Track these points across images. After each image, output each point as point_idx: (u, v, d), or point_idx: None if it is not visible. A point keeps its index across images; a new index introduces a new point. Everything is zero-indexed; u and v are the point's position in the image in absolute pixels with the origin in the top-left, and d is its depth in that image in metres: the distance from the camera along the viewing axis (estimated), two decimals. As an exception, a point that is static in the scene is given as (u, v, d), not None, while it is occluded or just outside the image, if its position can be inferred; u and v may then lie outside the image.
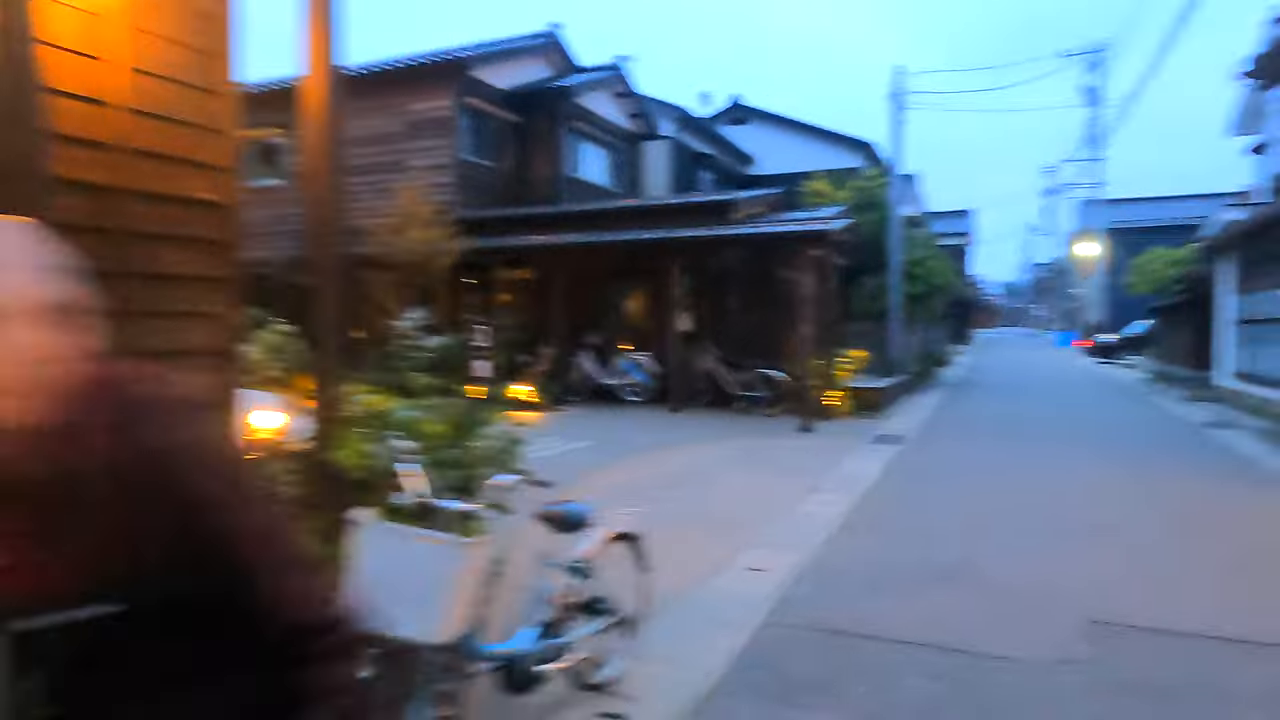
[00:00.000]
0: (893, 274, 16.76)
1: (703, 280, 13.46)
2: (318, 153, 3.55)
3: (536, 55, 17.43)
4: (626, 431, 10.67)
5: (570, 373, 13.42)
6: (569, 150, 17.01)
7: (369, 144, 15.36)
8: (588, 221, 13.66)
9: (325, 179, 3.58)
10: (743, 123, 26.67)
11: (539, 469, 3.68)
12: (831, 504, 6.83)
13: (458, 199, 14.80)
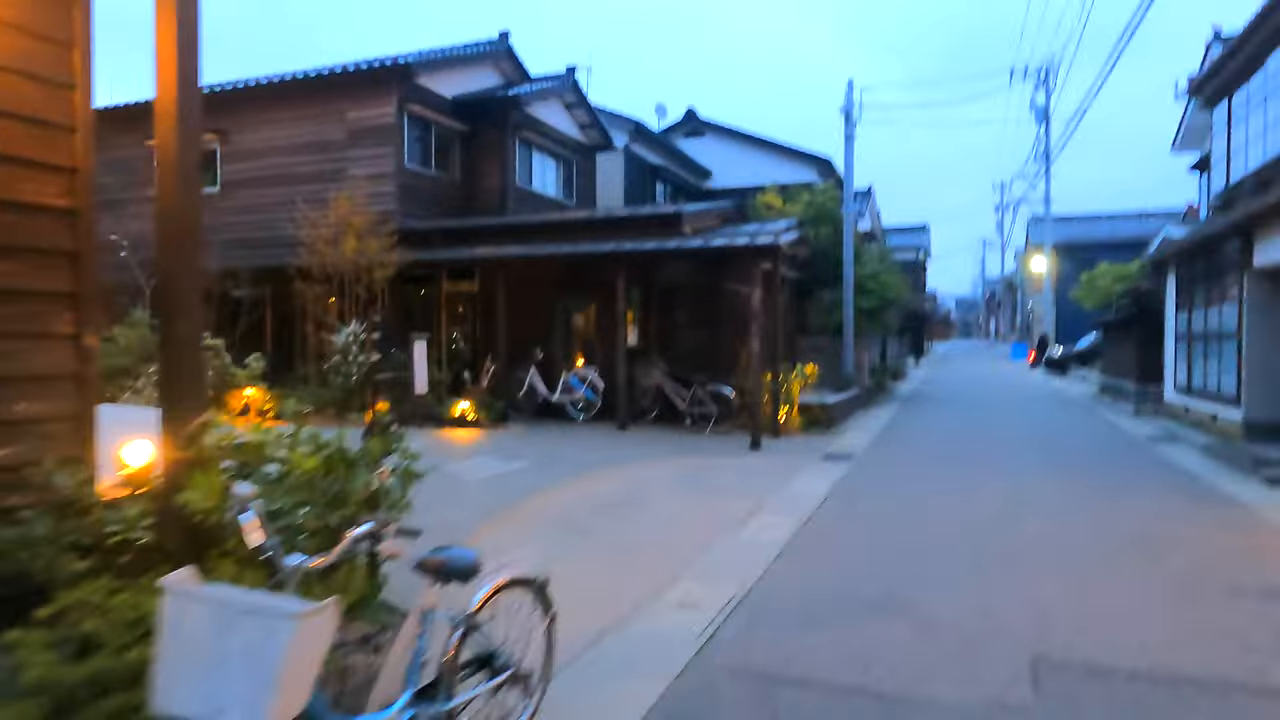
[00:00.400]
0: (846, 288, 16.68)
1: (651, 294, 13.18)
2: (171, 165, 3.16)
3: (485, 63, 17.07)
4: (569, 450, 10.30)
5: (516, 389, 13.02)
6: (519, 161, 16.65)
7: (307, 151, 14.88)
8: (534, 233, 13.30)
9: (180, 192, 3.19)
10: (699, 135, 26.55)
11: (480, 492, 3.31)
12: (774, 528, 6.55)
13: (401, 209, 14.34)
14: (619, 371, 11.98)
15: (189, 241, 3.20)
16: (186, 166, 3.16)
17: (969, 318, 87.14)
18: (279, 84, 15.13)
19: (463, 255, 12.90)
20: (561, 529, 6.47)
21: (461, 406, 11.66)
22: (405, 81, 14.52)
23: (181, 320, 3.12)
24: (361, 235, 11.50)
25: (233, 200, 15.59)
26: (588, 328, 13.86)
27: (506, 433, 11.59)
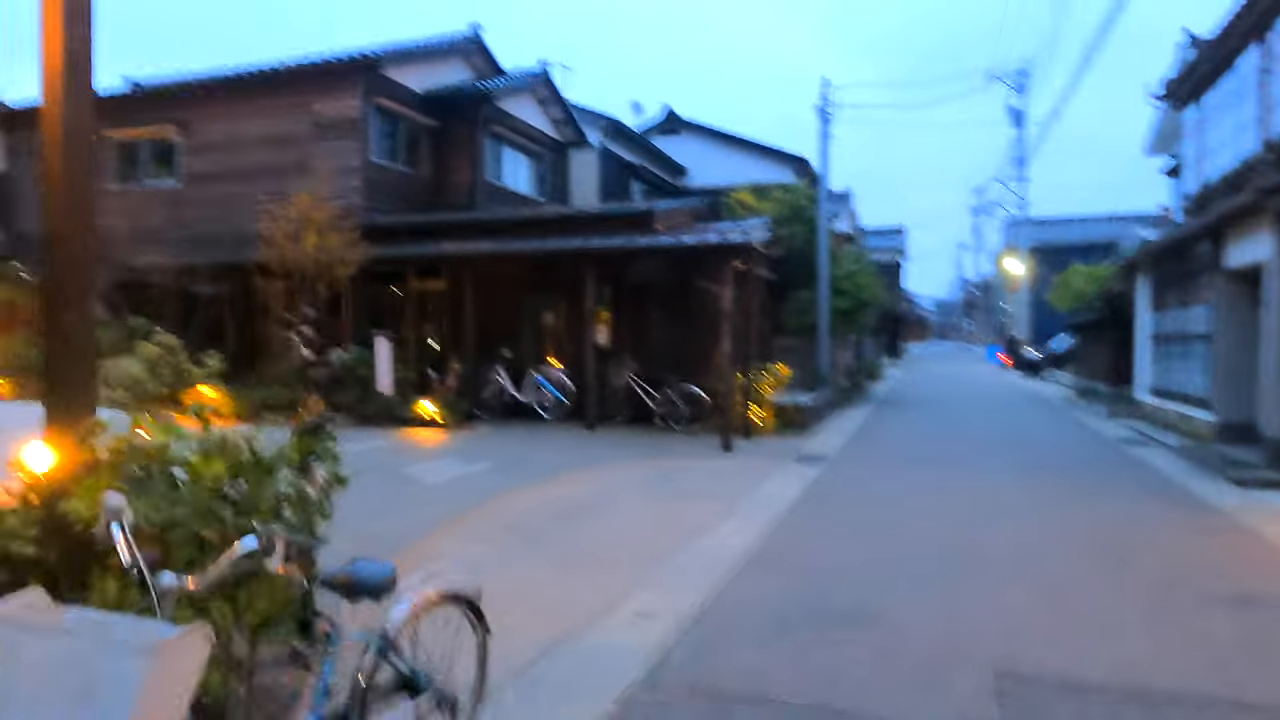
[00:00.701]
0: (821, 287, 16.53)
1: (622, 293, 12.93)
2: (57, 144, 2.88)
3: (456, 57, 16.75)
4: (534, 452, 10.04)
5: (483, 388, 12.72)
6: (489, 156, 16.35)
7: (272, 145, 14.49)
8: (503, 230, 13.01)
9: (67, 174, 2.90)
10: (676, 134, 26.36)
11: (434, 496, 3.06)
12: (741, 533, 6.33)
13: (367, 204, 14.00)
14: (589, 371, 11.73)
15: (79, 226, 2.91)
16: (74, 148, 2.88)
17: (946, 320, 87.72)
18: (244, 76, 14.73)
19: (427, 251, 12.60)
20: (519, 535, 6.22)
21: (426, 406, 11.35)
22: (372, 74, 14.18)
23: (69, 311, 2.84)
24: (322, 230, 11.16)
25: (197, 195, 15.17)
26: (557, 327, 13.59)
27: (472, 434, 11.30)
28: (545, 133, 18.44)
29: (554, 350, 13.39)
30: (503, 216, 13.80)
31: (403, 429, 11.23)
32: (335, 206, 12.43)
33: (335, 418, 11.34)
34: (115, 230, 14.78)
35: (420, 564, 4.78)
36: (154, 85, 15.52)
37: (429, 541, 5.91)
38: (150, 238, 14.80)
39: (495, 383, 12.74)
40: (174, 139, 15.47)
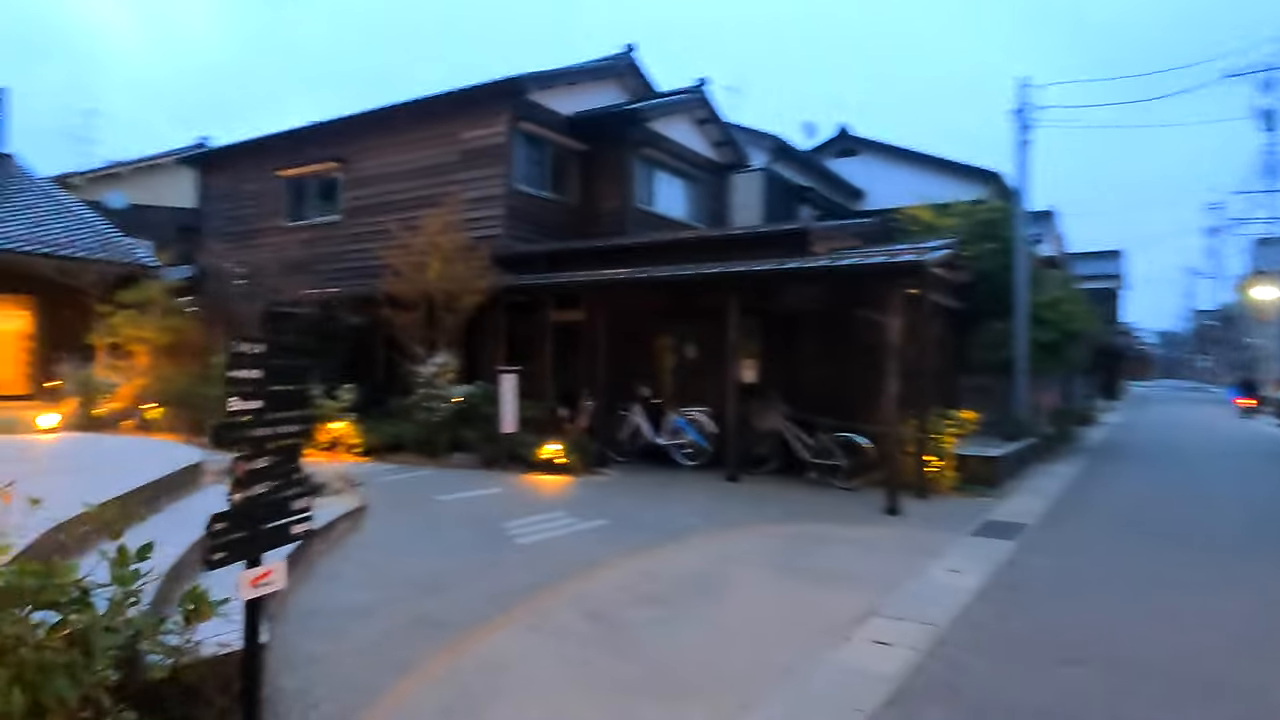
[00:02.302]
0: (1018, 317, 14.09)
1: (771, 324, 11.40)
2: None
3: (609, 80, 16.07)
4: (659, 507, 8.70)
5: (617, 429, 11.60)
6: (640, 181, 15.44)
7: (421, 176, 14.34)
8: (641, 255, 11.93)
9: None
10: (852, 154, 24.48)
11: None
12: (891, 644, 4.64)
13: (509, 233, 13.46)
14: (731, 413, 10.28)
15: None
16: None
17: (1174, 355, 77.45)
18: (396, 109, 14.78)
19: (550, 279, 11.75)
20: (597, 627, 4.89)
21: (551, 448, 10.36)
22: (517, 99, 13.70)
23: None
24: (449, 258, 10.56)
25: (353, 228, 15.38)
26: (699, 362, 12.25)
27: (597, 481, 10.16)
28: (702, 155, 17.32)
29: (695, 389, 12.07)
30: (641, 241, 12.74)
31: (524, 473, 10.30)
32: (472, 235, 11.92)
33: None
34: (280, 263, 15.22)
35: (448, 675, 3.65)
36: (321, 123, 15.98)
37: (482, 632, 4.72)
38: (312, 270, 15.13)
39: (631, 423, 11.58)
40: (336, 175, 15.83)
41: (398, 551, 6.36)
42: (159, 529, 4.61)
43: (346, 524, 6.88)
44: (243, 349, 2.88)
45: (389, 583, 5.54)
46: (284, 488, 3.14)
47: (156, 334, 13.70)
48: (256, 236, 16.72)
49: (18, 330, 16.35)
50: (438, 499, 8.44)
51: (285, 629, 4.56)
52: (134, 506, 4.94)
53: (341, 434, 11.18)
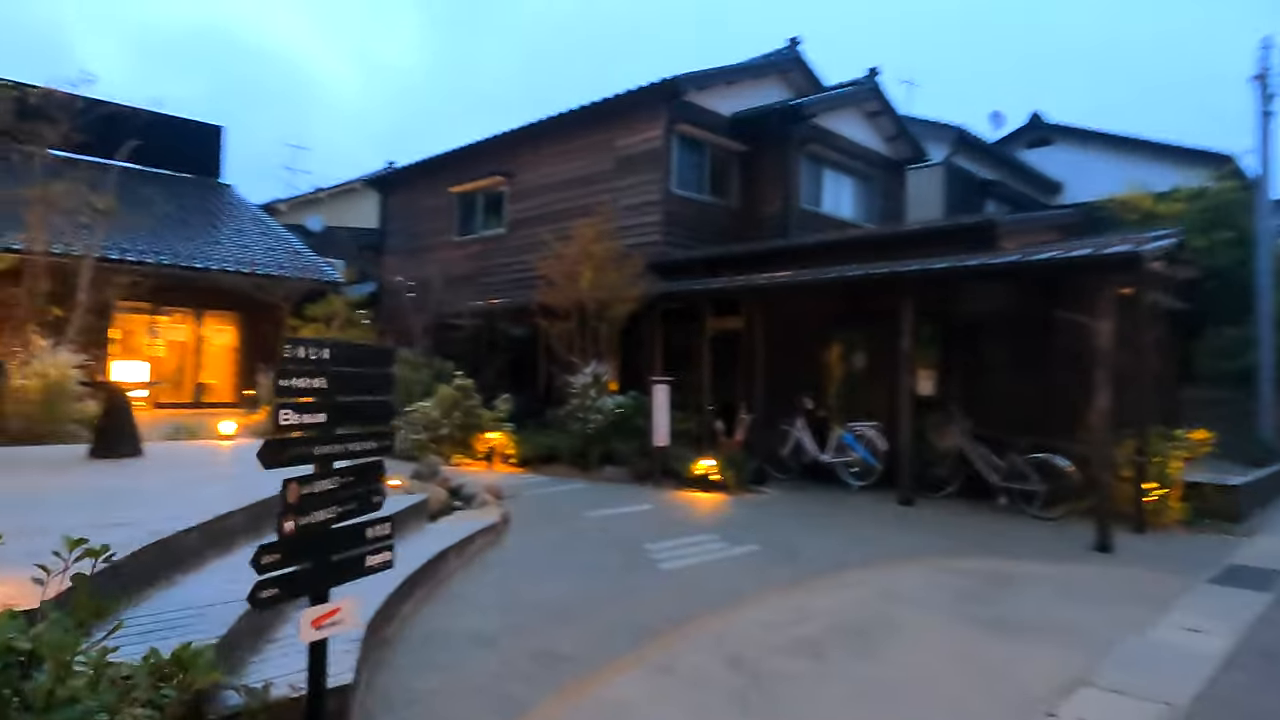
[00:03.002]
0: (1262, 320, 11.90)
1: (951, 329, 10.19)
2: None
3: (771, 76, 15.33)
4: (821, 532, 7.85)
5: (778, 444, 10.82)
6: (806, 180, 14.57)
7: (578, 185, 14.27)
8: (804, 258, 11.11)
9: None
10: (1046, 144, 22.20)
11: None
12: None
13: (667, 239, 13.07)
14: (906, 429, 9.23)
15: None
16: None
17: None
18: (555, 120, 14.82)
19: (704, 286, 11.13)
20: (727, 676, 4.22)
21: (705, 464, 9.76)
22: (674, 101, 13.31)
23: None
24: (600, 266, 10.27)
25: (515, 240, 15.60)
26: (868, 372, 11.21)
27: (753, 501, 9.43)
28: (873, 150, 16.16)
29: (864, 401, 11.05)
30: (799, 243, 11.90)
31: (676, 490, 9.75)
32: (629, 242, 11.62)
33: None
34: (448, 276, 15.69)
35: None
36: (488, 139, 16.37)
37: (608, 671, 4.20)
38: (479, 282, 15.50)
39: (792, 438, 10.75)
40: (502, 188, 16.15)
41: (533, 571, 6.00)
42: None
43: (486, 539, 6.63)
44: (296, 353, 2.50)
45: (518, 607, 5.16)
46: (357, 512, 2.76)
47: (338, 346, 14.46)
48: (430, 251, 17.40)
49: (227, 343, 17.97)
50: (584, 515, 8.08)
51: (398, 656, 4.26)
52: (260, 518, 4.86)
53: (498, 444, 11.16)
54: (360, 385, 2.77)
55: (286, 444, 2.47)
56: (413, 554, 5.46)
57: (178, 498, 4.86)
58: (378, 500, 2.87)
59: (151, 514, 4.25)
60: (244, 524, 4.44)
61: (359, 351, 2.82)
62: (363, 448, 2.77)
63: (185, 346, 17.59)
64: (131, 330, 17.04)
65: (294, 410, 2.47)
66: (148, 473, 6.09)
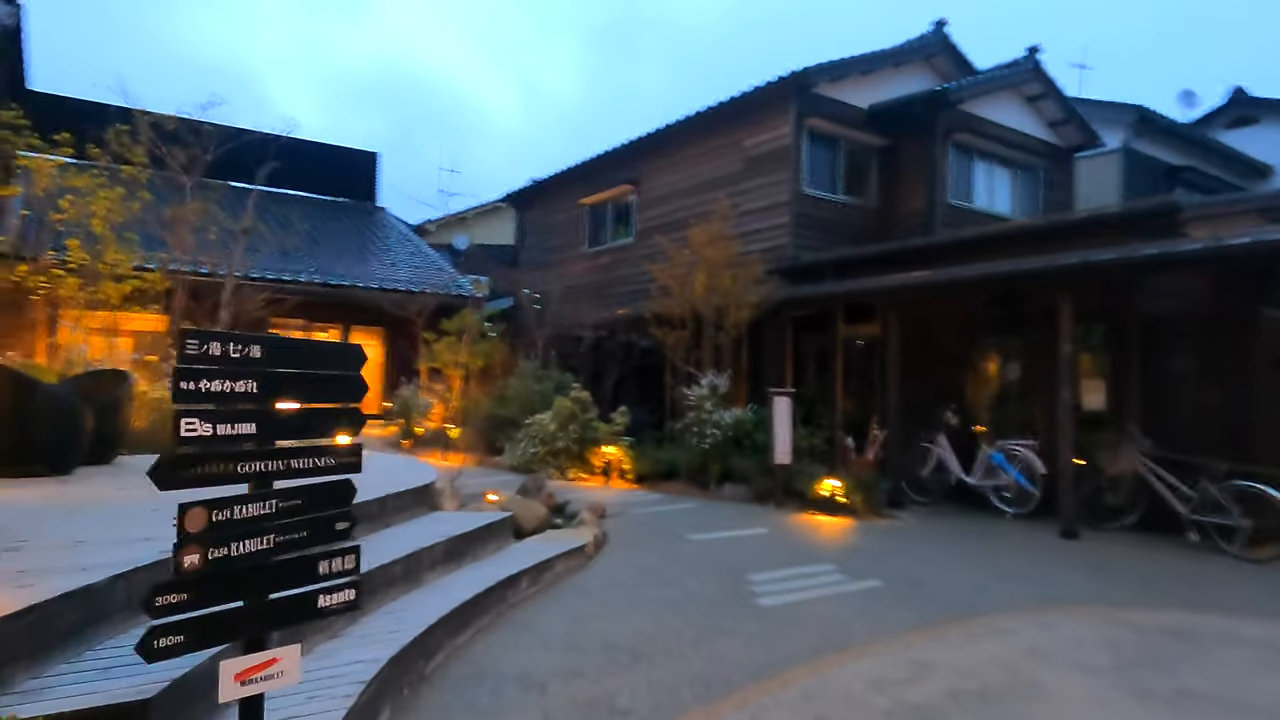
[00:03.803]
0: None
1: (1124, 333, 8.72)
2: None
3: (912, 63, 14.13)
4: (958, 567, 6.79)
5: (916, 463, 9.71)
6: (954, 173, 13.26)
7: (705, 190, 13.69)
8: (949, 256, 9.95)
9: None
10: (1250, 123, 19.38)
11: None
12: None
13: (797, 241, 12.23)
14: (1067, 448, 7.94)
15: None
16: None
17: None
18: (681, 124, 14.34)
19: (828, 290, 10.25)
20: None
21: (830, 484, 8.86)
22: (803, 95, 12.48)
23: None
24: (715, 271, 9.62)
25: (644, 249, 15.23)
26: (1023, 383, 9.86)
27: (884, 527, 8.42)
28: (1034, 137, 14.53)
29: (1018, 415, 9.72)
30: (937, 240, 10.73)
31: (798, 512, 8.90)
32: (757, 247, 10.93)
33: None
34: (575, 288, 15.56)
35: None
36: (616, 148, 16.14)
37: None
38: (607, 294, 15.26)
39: (933, 457, 9.61)
40: (630, 198, 15.86)
41: (612, 602, 5.44)
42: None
43: (573, 561, 6.15)
44: (204, 349, 2.07)
45: (584, 644, 4.62)
46: (308, 542, 2.31)
47: (469, 358, 14.62)
48: (562, 264, 17.39)
49: (373, 357, 18.76)
50: (688, 538, 7.44)
51: (433, 695, 3.82)
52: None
53: (615, 459, 10.73)
54: (311, 390, 2.34)
55: (186, 460, 2.05)
56: (479, 578, 5.06)
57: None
58: (343, 527, 2.42)
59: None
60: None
61: (309, 349, 2.40)
62: (315, 465, 2.33)
63: (336, 361, 18.51)
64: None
65: (202, 419, 2.05)
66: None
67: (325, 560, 2.35)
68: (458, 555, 5.30)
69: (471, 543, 5.56)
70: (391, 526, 5.49)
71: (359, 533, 5.10)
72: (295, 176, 21.94)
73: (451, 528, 5.58)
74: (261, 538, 2.19)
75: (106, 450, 7.17)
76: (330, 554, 2.37)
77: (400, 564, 4.59)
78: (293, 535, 2.27)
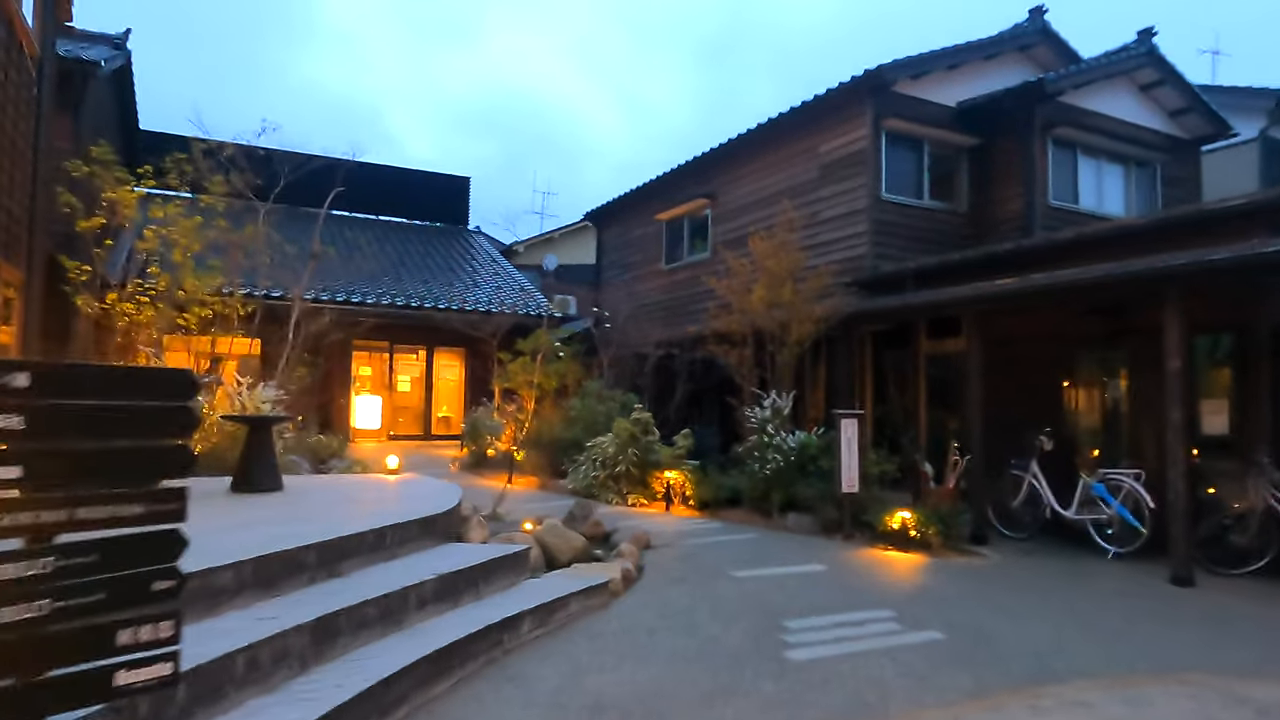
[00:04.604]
0: None
1: (1254, 345, 7.49)
2: None
3: (1006, 54, 13.00)
4: (1042, 618, 5.87)
5: (1006, 493, 8.70)
6: (1055, 171, 12.08)
7: (779, 201, 12.98)
8: (1043, 260, 8.92)
9: None
10: None
11: None
12: None
13: (876, 251, 11.39)
14: (1179, 478, 6.84)
15: None
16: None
17: None
18: (754, 132, 13.73)
19: (902, 302, 9.38)
20: None
21: (901, 515, 8.01)
22: (881, 94, 11.66)
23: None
24: (777, 282, 8.96)
25: (719, 264, 14.66)
26: (1133, 405, 8.67)
27: (963, 565, 7.50)
28: (1150, 129, 13.10)
29: (1123, 440, 8.57)
30: (1027, 244, 9.69)
31: (868, 546, 8.07)
32: (833, 258, 10.21)
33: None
34: (648, 306, 15.15)
35: None
36: (692, 160, 15.68)
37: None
38: (683, 311, 14.78)
39: (1025, 486, 8.57)
40: (705, 211, 15.35)
41: (622, 650, 4.90)
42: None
43: (591, 600, 5.65)
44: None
45: (572, 701, 4.11)
46: (105, 607, 1.93)
47: (542, 379, 14.42)
48: (639, 282, 17.04)
49: (455, 377, 18.90)
50: (731, 574, 6.80)
51: (376, 763, 3.41)
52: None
53: (677, 484, 10.18)
54: (110, 425, 1.97)
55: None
56: (473, 619, 4.64)
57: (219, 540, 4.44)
58: (163, 588, 2.03)
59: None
60: (233, 582, 3.88)
61: (107, 376, 2.03)
62: (116, 515, 1.95)
63: (419, 381, 18.77)
64: (371, 367, 18.51)
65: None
66: (241, 510, 5.91)
67: (127, 629, 1.97)
68: (454, 593, 4.90)
69: (475, 579, 5.16)
70: (394, 560, 5.16)
71: (349, 568, 4.81)
72: (390, 202, 22.64)
73: (456, 562, 5.21)
74: (32, 603, 1.82)
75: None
76: (134, 621, 1.98)
77: (376, 604, 4.22)
78: (81, 599, 1.90)
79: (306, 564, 4.39)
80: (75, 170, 9.69)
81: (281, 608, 3.87)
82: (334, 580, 4.54)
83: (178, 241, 10.01)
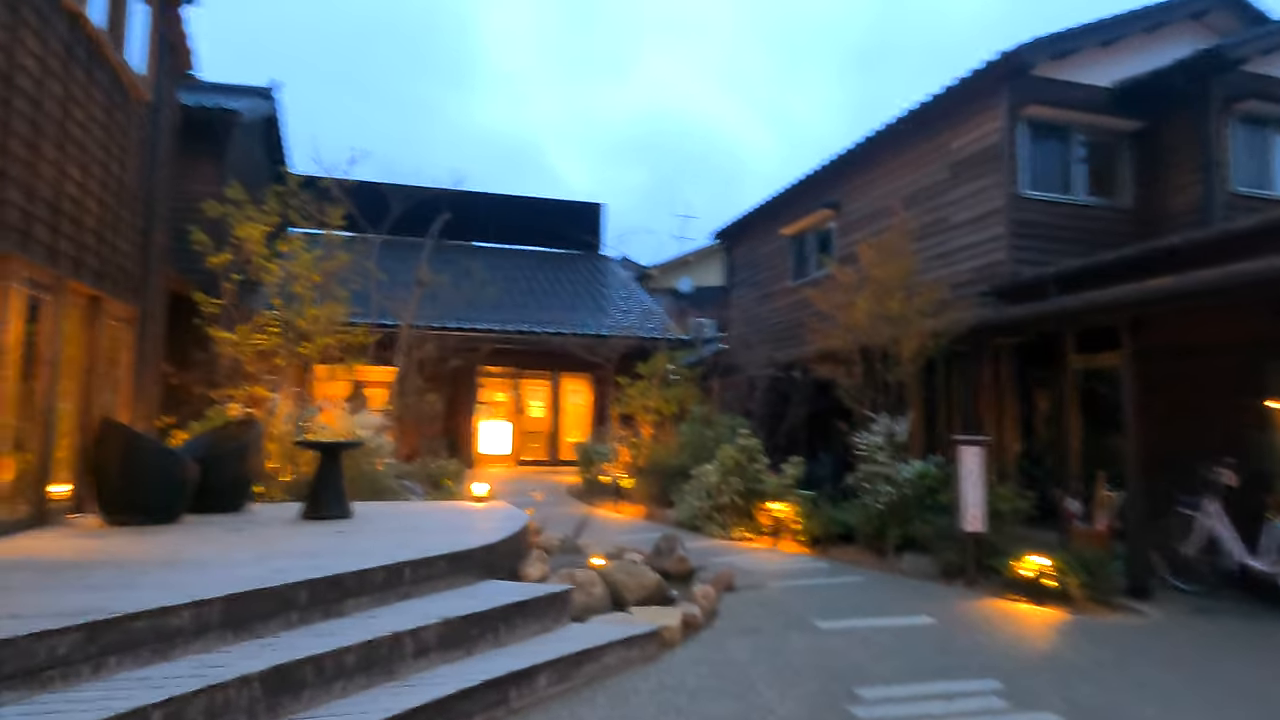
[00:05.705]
0: None
1: None
2: None
3: (1174, 25, 11.25)
4: (1206, 703, 4.61)
5: (1175, 537, 7.21)
6: (1238, 153, 10.25)
7: (907, 206, 11.87)
8: (1219, 254, 7.41)
9: None
10: None
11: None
12: None
13: (1015, 254, 10.08)
14: None
15: None
16: None
17: None
18: (882, 133, 12.67)
19: (1030, 310, 8.10)
20: None
21: (1035, 562, 6.78)
22: (1018, 79, 10.37)
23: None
24: (884, 293, 7.99)
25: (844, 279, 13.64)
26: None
27: (1113, 624, 6.19)
28: (1368, 96, 10.86)
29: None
30: (1201, 236, 8.11)
31: (993, 596, 6.89)
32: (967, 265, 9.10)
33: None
34: (772, 325, 14.34)
35: None
36: (814, 170, 14.78)
37: None
38: (799, 331, 13.87)
39: (1202, 529, 7.05)
40: (830, 223, 14.39)
41: (647, 716, 4.24)
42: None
43: (634, 652, 5.01)
44: None
45: (567, 778, 3.52)
46: None
47: (659, 403, 13.95)
48: (764, 302, 16.28)
49: (582, 402, 18.81)
50: (816, 624, 5.94)
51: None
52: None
53: (784, 517, 9.33)
54: None
55: None
56: (480, 671, 4.16)
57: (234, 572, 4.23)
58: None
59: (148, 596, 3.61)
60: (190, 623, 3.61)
61: None
62: None
63: (547, 407, 18.83)
64: (503, 393, 18.76)
65: None
66: (280, 539, 5.77)
67: None
68: (465, 640, 4.44)
69: (495, 623, 4.68)
70: (409, 599, 4.79)
71: (353, 608, 4.47)
72: (523, 231, 23.14)
73: (480, 602, 4.76)
74: None
75: (235, 498, 7.35)
76: None
77: (356, 652, 3.83)
78: None
79: (295, 603, 4.08)
80: (211, 211, 10.31)
81: (243, 654, 3.56)
82: (330, 621, 4.21)
83: (299, 275, 10.40)
